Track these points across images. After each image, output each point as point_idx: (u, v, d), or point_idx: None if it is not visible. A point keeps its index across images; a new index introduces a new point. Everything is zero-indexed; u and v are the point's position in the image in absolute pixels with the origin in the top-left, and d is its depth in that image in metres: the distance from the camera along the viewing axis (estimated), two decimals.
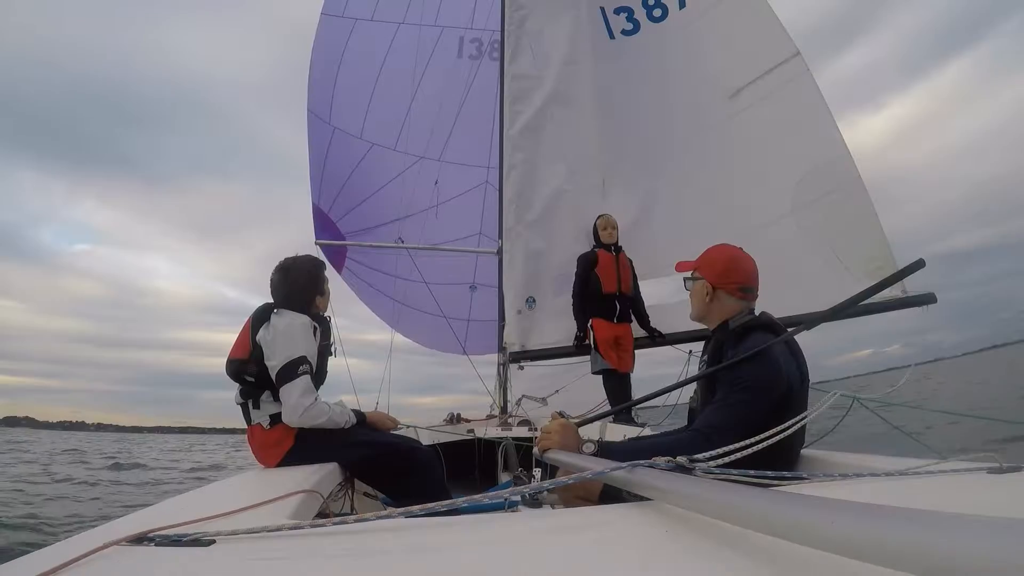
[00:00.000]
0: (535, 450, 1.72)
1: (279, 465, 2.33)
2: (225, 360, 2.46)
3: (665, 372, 5.64)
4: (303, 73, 7.00)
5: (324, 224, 6.98)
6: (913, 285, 3.86)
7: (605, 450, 1.58)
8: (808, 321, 1.87)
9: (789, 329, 1.78)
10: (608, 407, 4.36)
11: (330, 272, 2.94)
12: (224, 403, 2.57)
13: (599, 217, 4.91)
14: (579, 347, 4.78)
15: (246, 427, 2.46)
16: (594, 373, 4.64)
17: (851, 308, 2.01)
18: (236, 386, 2.46)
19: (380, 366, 6.45)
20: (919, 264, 1.77)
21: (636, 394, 4.56)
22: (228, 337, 2.52)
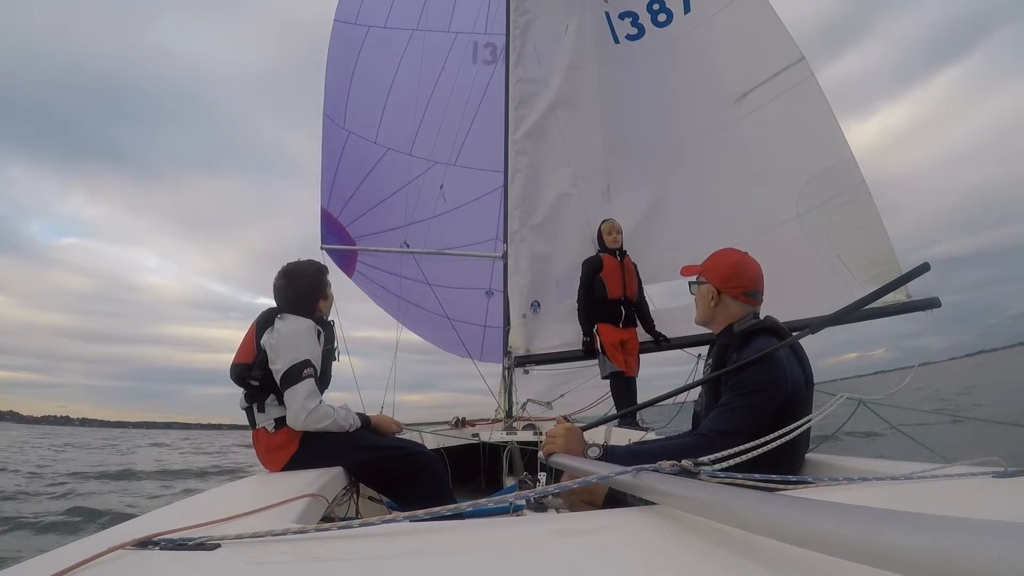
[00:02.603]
0: (540, 454, 1.72)
1: (284, 469, 2.33)
2: (230, 362, 2.47)
3: (670, 374, 5.61)
4: (299, 70, 7.06)
5: (332, 228, 6.99)
6: (912, 289, 3.86)
7: (610, 454, 1.58)
8: (813, 325, 1.86)
9: (794, 333, 1.78)
10: (614, 410, 4.35)
11: (340, 275, 2.96)
12: (213, 398, 2.58)
13: (604, 222, 4.91)
14: (586, 352, 4.78)
15: (251, 431, 2.47)
16: (604, 378, 4.63)
17: (856, 312, 2.00)
18: (236, 385, 2.46)
19: (373, 363, 6.42)
20: (924, 268, 1.76)
21: (641, 398, 4.55)
22: (217, 333, 2.53)
